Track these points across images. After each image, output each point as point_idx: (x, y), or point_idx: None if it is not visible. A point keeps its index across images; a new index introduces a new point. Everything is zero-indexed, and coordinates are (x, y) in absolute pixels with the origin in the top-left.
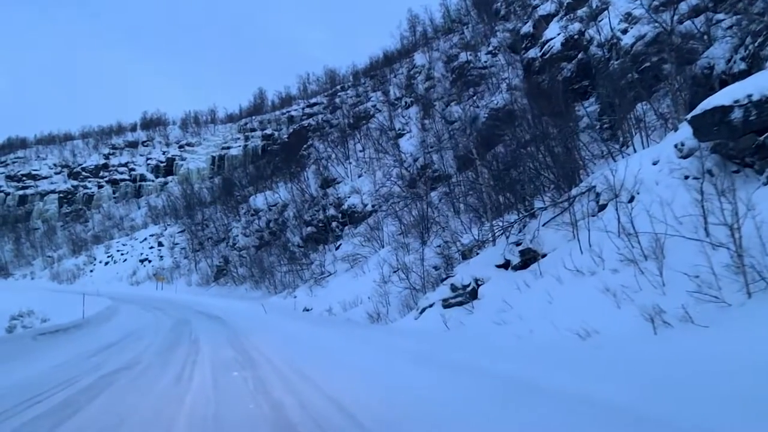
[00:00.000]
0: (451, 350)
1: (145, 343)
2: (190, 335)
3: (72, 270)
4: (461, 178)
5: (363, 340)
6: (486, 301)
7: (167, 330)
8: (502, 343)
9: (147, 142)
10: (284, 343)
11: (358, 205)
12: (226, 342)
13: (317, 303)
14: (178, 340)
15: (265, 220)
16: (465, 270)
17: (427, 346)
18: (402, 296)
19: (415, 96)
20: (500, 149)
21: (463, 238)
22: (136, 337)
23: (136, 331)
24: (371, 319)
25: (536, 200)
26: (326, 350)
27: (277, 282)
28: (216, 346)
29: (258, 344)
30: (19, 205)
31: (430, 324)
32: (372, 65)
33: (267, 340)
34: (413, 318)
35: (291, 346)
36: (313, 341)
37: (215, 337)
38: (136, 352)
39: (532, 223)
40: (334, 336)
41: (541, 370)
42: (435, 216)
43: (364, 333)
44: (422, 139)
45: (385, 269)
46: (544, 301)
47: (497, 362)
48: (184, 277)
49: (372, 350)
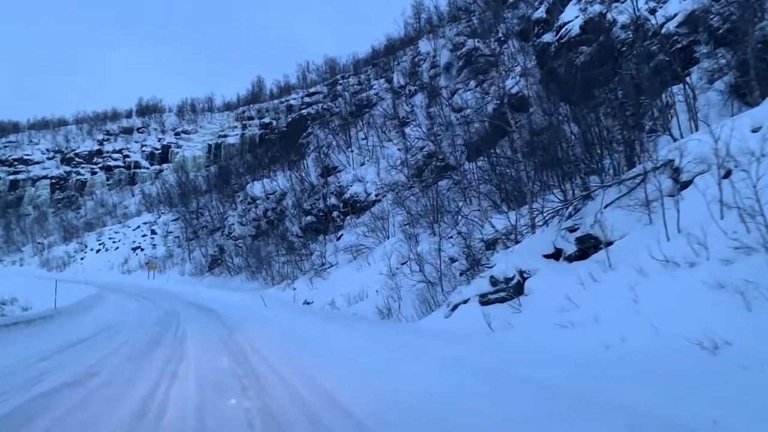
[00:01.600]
0: (510, 361)
1: (118, 341)
2: (176, 332)
3: (62, 257)
4: (478, 163)
5: (387, 342)
6: (536, 298)
7: (151, 324)
8: (579, 353)
9: (142, 128)
10: (292, 345)
11: (361, 194)
12: (219, 342)
13: (318, 296)
14: (161, 337)
15: (263, 208)
16: (505, 261)
17: (471, 351)
18: (415, 290)
19: (420, 84)
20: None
21: (485, 227)
22: (112, 332)
23: (114, 325)
24: (381, 314)
25: (591, 178)
26: (348, 358)
27: (274, 273)
28: (206, 349)
29: (259, 346)
30: (10, 190)
31: (466, 324)
32: (374, 54)
33: (270, 340)
34: (443, 316)
35: (302, 350)
36: (327, 343)
37: (206, 334)
38: (104, 353)
39: (589, 205)
40: (351, 337)
41: (671, 400)
42: (447, 205)
43: (385, 333)
44: (428, 127)
45: (393, 261)
46: (627, 300)
47: (583, 379)
48: (177, 267)
49: (404, 356)
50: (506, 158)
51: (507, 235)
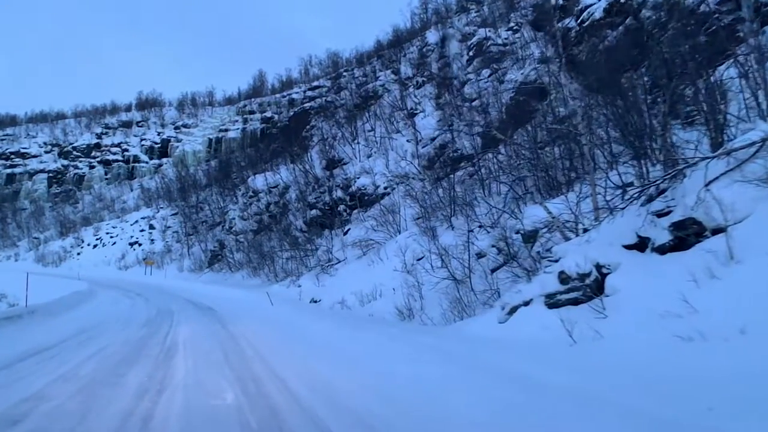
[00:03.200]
0: (616, 387)
1: (88, 352)
2: (165, 338)
3: (58, 252)
4: (501, 151)
5: (431, 352)
6: (625, 299)
7: (138, 326)
8: (729, 379)
9: (142, 122)
10: (317, 359)
11: (369, 186)
12: (219, 355)
13: (326, 293)
14: (145, 346)
15: (265, 202)
16: (576, 253)
17: (551, 369)
18: (439, 289)
19: (429, 74)
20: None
21: (520, 218)
22: (86, 338)
23: (94, 327)
24: (401, 315)
25: (681, 150)
26: (405, 379)
27: (278, 269)
28: (202, 366)
29: (276, 363)
30: (7, 184)
31: (531, 331)
32: (379, 46)
33: (288, 353)
34: (496, 320)
35: (334, 368)
36: (361, 356)
37: (203, 342)
38: (54, 376)
39: (684, 184)
40: (391, 348)
41: None
42: (464, 197)
43: (421, 339)
44: (439, 118)
45: (409, 256)
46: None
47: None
48: (176, 263)
49: (460, 373)
50: (567, 129)
51: (562, 225)
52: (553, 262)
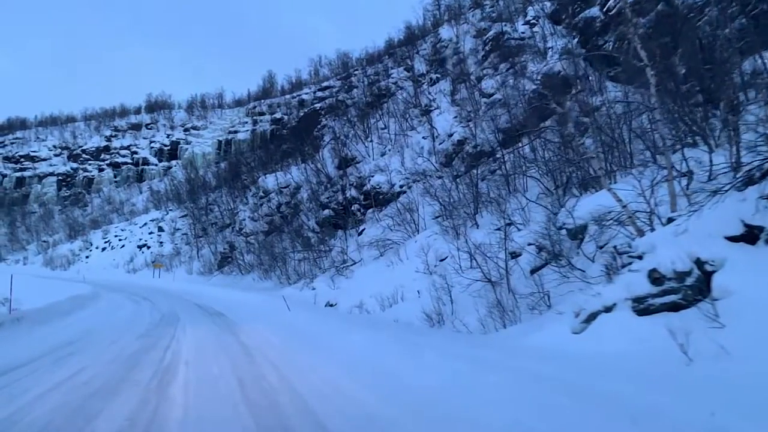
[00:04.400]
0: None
1: (60, 377)
2: (164, 354)
3: (66, 256)
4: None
5: (504, 373)
6: (743, 303)
7: (136, 336)
8: None
9: (151, 124)
10: (374, 396)
11: (384, 184)
12: (232, 383)
13: (342, 296)
14: (135, 367)
15: (276, 202)
16: (663, 247)
17: (669, 399)
18: (472, 291)
19: (444, 71)
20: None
21: (570, 211)
22: (66, 353)
23: (85, 337)
24: (430, 321)
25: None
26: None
27: (290, 271)
28: (208, 406)
29: (312, 398)
30: (16, 187)
31: (618, 343)
32: (390, 45)
33: (323, 378)
34: (569, 330)
35: (400, 408)
36: (440, 392)
37: (211, 364)
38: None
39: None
40: (457, 370)
41: None
42: (488, 194)
43: (480, 354)
44: (456, 114)
45: (431, 256)
46: None
47: None
48: (185, 265)
49: (560, 401)
50: (640, 103)
51: (633, 215)
52: (635, 259)
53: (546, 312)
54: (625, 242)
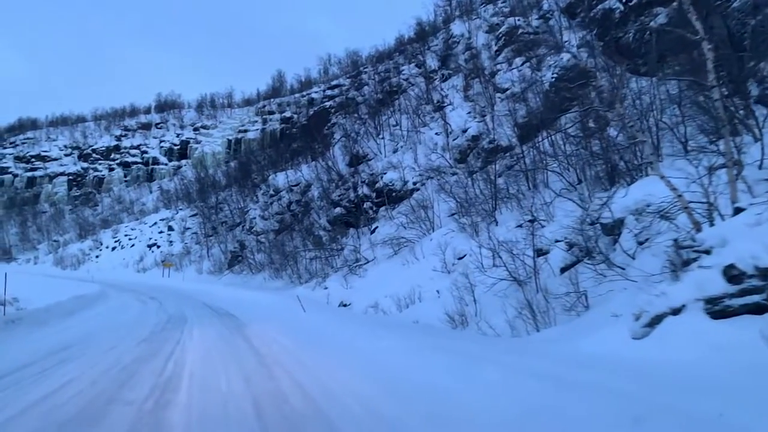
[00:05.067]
0: None
1: (39, 393)
2: (166, 363)
3: (77, 255)
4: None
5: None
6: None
7: (137, 340)
8: None
9: (161, 124)
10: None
11: (397, 181)
12: (246, 406)
13: (356, 296)
14: (129, 381)
15: (287, 200)
16: (738, 240)
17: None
18: (497, 291)
19: (456, 66)
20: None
21: (608, 205)
22: (57, 361)
23: (81, 341)
24: (452, 322)
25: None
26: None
27: (301, 270)
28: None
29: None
30: (27, 187)
31: (691, 351)
32: (401, 42)
33: (359, 401)
34: (627, 335)
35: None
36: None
37: (219, 377)
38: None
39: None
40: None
41: None
42: (506, 190)
43: (533, 364)
44: (469, 109)
45: (449, 255)
46: None
47: None
48: (195, 264)
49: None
50: (692, 80)
51: (685, 206)
52: (701, 254)
53: (585, 313)
54: (687, 236)
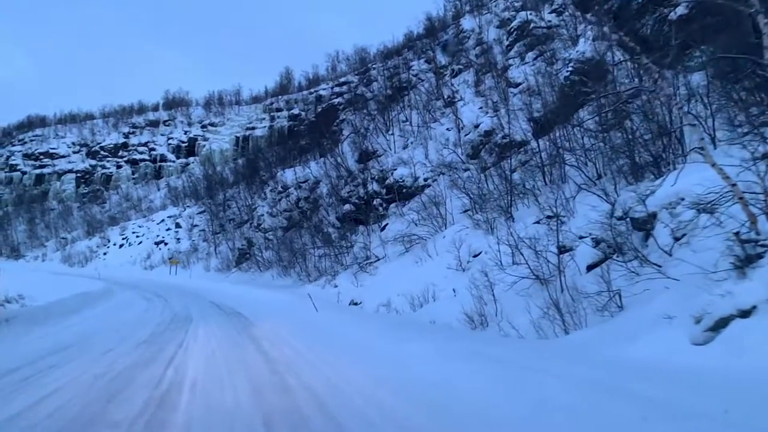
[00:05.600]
0: None
1: (13, 409)
2: (165, 371)
3: (84, 252)
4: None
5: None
6: None
7: (136, 343)
8: None
9: (168, 121)
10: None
11: (408, 178)
12: (258, 426)
13: (367, 295)
14: (121, 393)
15: (295, 197)
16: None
17: None
18: (518, 290)
19: (467, 62)
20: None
21: (641, 197)
22: (45, 366)
23: (77, 343)
24: (471, 323)
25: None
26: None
27: (310, 268)
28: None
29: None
30: (36, 184)
31: (766, 360)
32: (410, 38)
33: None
34: (685, 339)
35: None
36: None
37: (226, 389)
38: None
39: None
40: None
41: None
42: (522, 185)
43: (586, 374)
44: (481, 105)
45: (464, 252)
46: None
47: None
48: (202, 262)
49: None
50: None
51: (740, 197)
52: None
53: (619, 314)
54: (747, 229)
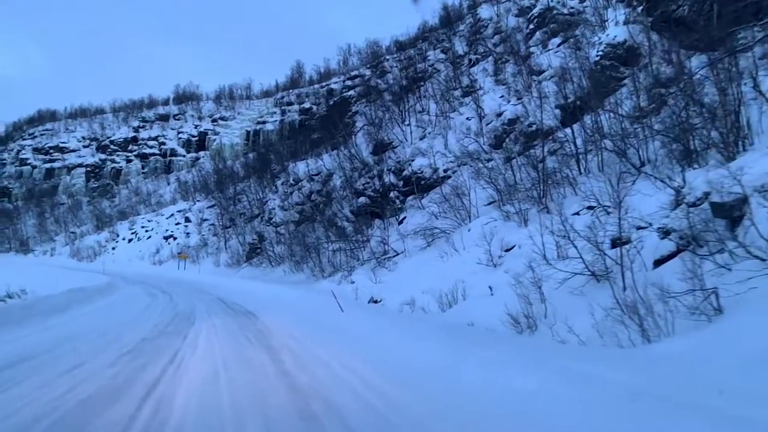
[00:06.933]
0: None
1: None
2: (141, 407)
3: (93, 247)
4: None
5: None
6: None
7: (118, 355)
8: None
9: (178, 115)
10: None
11: (426, 169)
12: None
13: (388, 292)
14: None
15: (307, 190)
16: None
17: None
18: (568, 288)
19: (485, 51)
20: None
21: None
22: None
23: (48, 351)
24: (515, 325)
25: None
26: None
27: (324, 263)
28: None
29: None
30: (46, 178)
31: None
32: (424, 29)
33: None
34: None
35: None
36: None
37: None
38: None
39: None
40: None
41: None
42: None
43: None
44: (502, 93)
45: (495, 246)
46: None
47: None
48: (212, 257)
49: None
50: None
51: None
52: None
53: (719, 319)
54: None
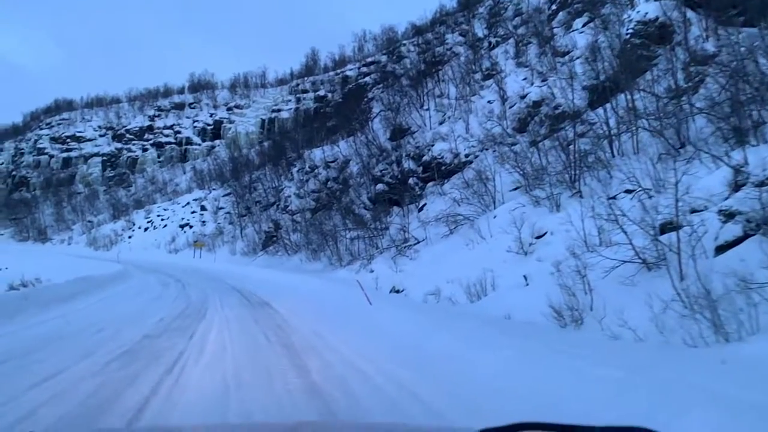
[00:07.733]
0: None
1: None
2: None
3: (109, 236)
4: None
5: None
6: None
7: (107, 360)
8: None
9: (194, 104)
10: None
11: (447, 154)
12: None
13: (410, 281)
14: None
15: (324, 177)
16: None
17: None
18: (615, 277)
19: (505, 33)
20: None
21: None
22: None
23: (25, 355)
24: (558, 318)
25: None
26: None
27: (342, 251)
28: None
29: None
30: (63, 168)
31: None
32: (441, 13)
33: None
34: None
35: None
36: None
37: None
38: None
39: None
40: None
41: None
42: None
43: None
44: (525, 76)
45: (525, 233)
46: None
47: None
48: (228, 245)
49: None
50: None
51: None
52: None
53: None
54: None
